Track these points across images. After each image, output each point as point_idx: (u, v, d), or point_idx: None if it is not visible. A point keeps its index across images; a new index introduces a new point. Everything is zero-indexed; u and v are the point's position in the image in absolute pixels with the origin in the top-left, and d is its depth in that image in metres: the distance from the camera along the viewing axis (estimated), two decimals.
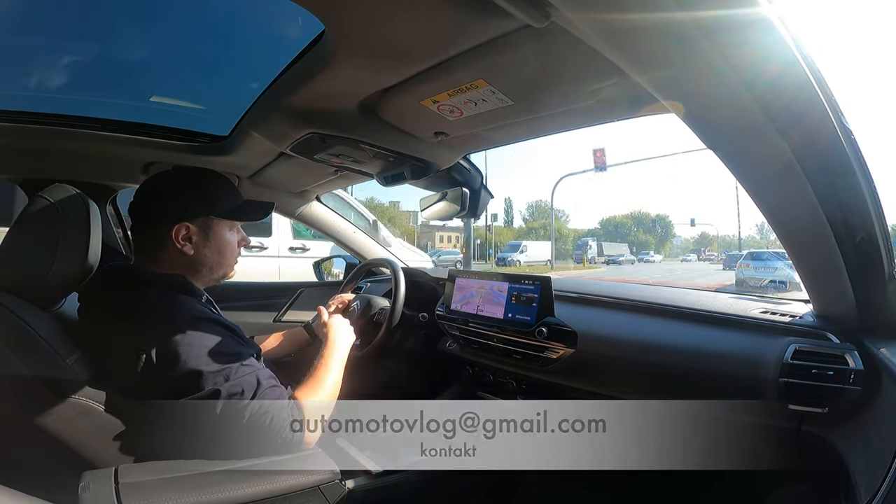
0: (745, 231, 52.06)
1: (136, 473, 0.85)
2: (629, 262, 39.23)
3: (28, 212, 0.99)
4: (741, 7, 0.57)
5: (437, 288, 1.81)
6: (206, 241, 1.08)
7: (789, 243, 0.94)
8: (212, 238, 1.09)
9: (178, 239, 1.05)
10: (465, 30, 0.79)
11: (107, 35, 1.21)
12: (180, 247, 1.05)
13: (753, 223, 50.78)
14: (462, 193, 1.62)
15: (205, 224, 1.08)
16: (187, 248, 1.06)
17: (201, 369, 0.91)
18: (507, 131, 1.27)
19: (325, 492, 0.95)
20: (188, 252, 1.06)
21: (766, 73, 0.63)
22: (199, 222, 1.07)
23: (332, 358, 1.17)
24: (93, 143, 1.45)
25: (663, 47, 0.63)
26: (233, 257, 1.15)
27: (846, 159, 0.76)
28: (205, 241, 1.08)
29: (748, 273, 11.19)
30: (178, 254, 1.06)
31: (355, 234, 2.27)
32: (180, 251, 1.05)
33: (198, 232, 1.07)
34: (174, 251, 1.05)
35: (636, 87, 0.90)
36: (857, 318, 0.98)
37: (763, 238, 48.43)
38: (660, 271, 25.79)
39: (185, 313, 0.97)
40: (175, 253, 1.06)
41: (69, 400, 0.89)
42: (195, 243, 1.07)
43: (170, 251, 1.06)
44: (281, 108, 1.17)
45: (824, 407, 0.95)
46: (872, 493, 0.69)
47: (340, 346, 1.24)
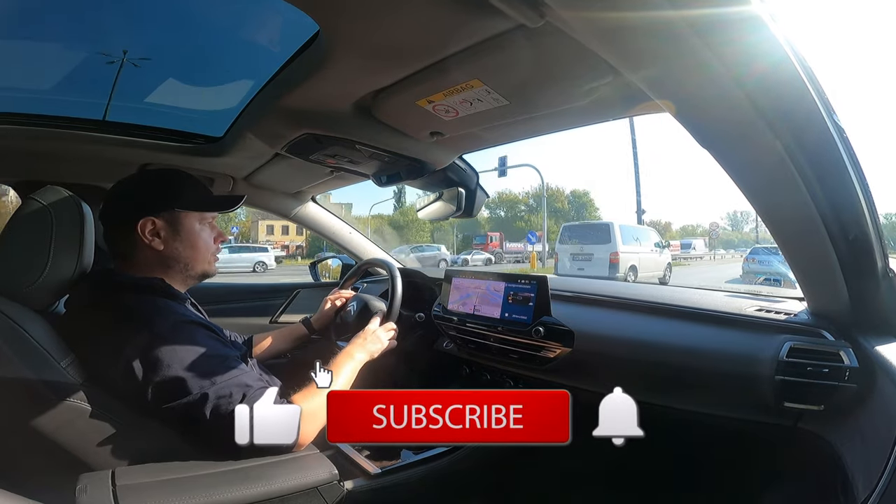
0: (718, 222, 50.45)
1: (133, 475, 0.85)
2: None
3: (20, 214, 0.98)
4: (732, 5, 0.57)
5: (433, 288, 1.81)
6: (174, 235, 1.07)
7: (783, 241, 0.95)
8: (181, 231, 1.08)
9: (145, 234, 1.04)
10: (459, 30, 0.79)
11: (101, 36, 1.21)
12: (148, 242, 1.04)
13: (725, 213, 49.03)
14: (458, 193, 1.62)
15: (171, 218, 1.07)
16: (156, 244, 1.05)
17: (186, 374, 0.91)
18: (503, 131, 1.27)
19: (324, 493, 0.94)
20: (158, 247, 1.05)
21: (758, 70, 0.64)
22: (165, 216, 1.06)
23: (342, 367, 1.17)
24: (87, 145, 1.44)
25: (656, 45, 0.64)
26: (208, 252, 1.14)
27: (838, 157, 0.77)
28: (173, 234, 1.07)
29: (754, 266, 11.25)
30: (149, 251, 1.05)
31: (351, 235, 2.27)
32: (150, 247, 1.05)
33: (165, 226, 1.06)
34: (144, 248, 1.05)
35: (630, 87, 0.90)
36: (851, 316, 0.99)
37: (735, 230, 46.62)
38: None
39: (166, 318, 0.96)
40: (146, 250, 1.05)
41: (65, 403, 0.88)
42: (164, 238, 1.06)
43: (140, 249, 1.05)
44: (276, 109, 1.17)
45: (820, 404, 0.96)
46: (870, 490, 0.69)
47: (357, 359, 1.23)
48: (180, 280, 1.11)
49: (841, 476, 0.86)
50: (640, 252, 11.88)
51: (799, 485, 1.07)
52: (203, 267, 1.13)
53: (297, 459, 0.95)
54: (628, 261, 11.28)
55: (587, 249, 11.47)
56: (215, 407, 0.90)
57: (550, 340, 1.31)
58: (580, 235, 12.01)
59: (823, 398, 0.95)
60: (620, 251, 11.16)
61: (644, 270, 11.66)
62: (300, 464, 0.94)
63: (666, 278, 12.25)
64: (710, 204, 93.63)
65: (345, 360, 1.19)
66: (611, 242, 11.24)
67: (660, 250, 12.82)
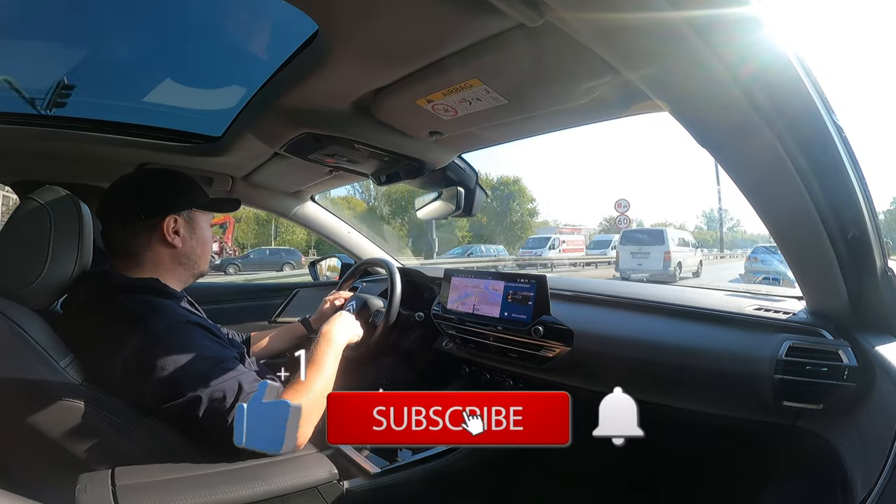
0: (692, 221, 49.28)
1: (132, 475, 0.85)
2: None
3: (18, 214, 0.98)
4: (732, 5, 0.57)
5: (433, 287, 1.81)
6: (192, 234, 1.10)
7: (782, 240, 0.95)
8: (196, 230, 1.12)
9: (169, 232, 1.06)
10: (459, 29, 0.79)
11: (100, 35, 1.21)
12: (170, 240, 1.06)
13: (701, 211, 48.68)
14: (457, 192, 1.63)
15: (189, 216, 1.10)
16: (177, 241, 1.07)
17: (180, 375, 0.90)
18: (502, 130, 1.27)
19: (324, 492, 0.94)
20: (177, 245, 1.07)
21: (756, 69, 0.64)
22: (185, 215, 1.09)
23: (325, 354, 1.11)
24: (86, 145, 1.44)
25: (655, 45, 0.64)
26: (210, 250, 1.17)
27: (837, 156, 0.77)
28: (191, 233, 1.10)
29: (757, 266, 12.00)
30: (163, 249, 1.06)
31: (350, 235, 2.27)
32: (168, 245, 1.06)
33: (185, 224, 1.09)
34: (159, 247, 1.06)
35: (629, 86, 0.90)
36: (850, 314, 0.99)
37: (711, 229, 45.29)
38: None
39: (162, 318, 0.96)
40: (160, 249, 1.06)
41: (64, 403, 0.88)
42: (183, 236, 1.08)
43: (154, 248, 1.06)
44: (274, 109, 1.17)
45: (819, 403, 0.96)
46: (869, 489, 0.69)
47: (336, 342, 1.16)
48: (181, 279, 1.12)
49: (840, 474, 0.86)
50: (683, 251, 15.41)
51: (798, 483, 1.07)
52: (204, 266, 1.16)
53: (296, 459, 0.95)
54: (675, 258, 14.48)
55: (645, 249, 14.47)
56: (208, 408, 0.90)
57: (550, 340, 1.31)
58: (637, 239, 15.12)
59: (822, 397, 0.95)
60: (672, 251, 14.37)
61: (686, 266, 15.11)
62: (299, 463, 0.95)
63: (699, 271, 16.07)
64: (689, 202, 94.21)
65: (325, 346, 1.13)
66: (664, 244, 14.40)
67: (694, 250, 16.60)
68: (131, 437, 0.92)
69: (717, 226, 43.91)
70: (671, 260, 14.14)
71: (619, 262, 15.07)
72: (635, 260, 14.52)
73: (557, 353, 1.31)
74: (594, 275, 17.11)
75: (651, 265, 14.03)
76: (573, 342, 1.28)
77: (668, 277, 13.14)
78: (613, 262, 16.04)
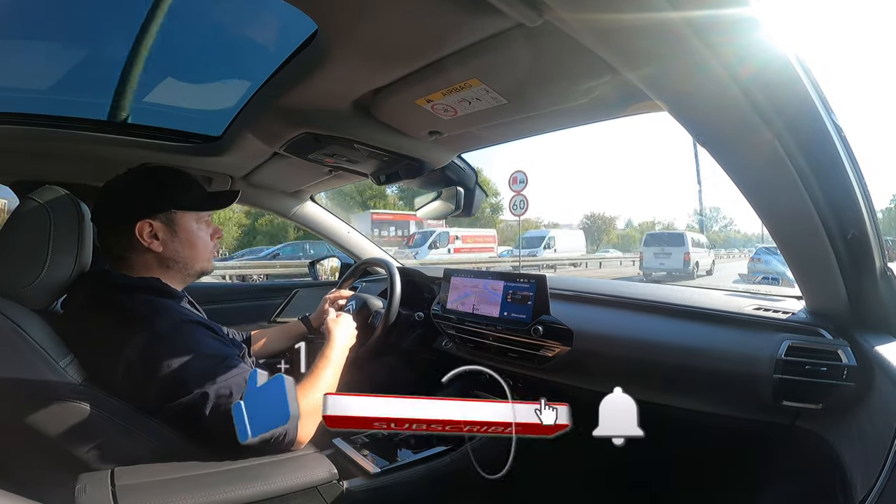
0: (683, 219, 48.51)
1: (132, 475, 0.84)
2: None
3: (18, 214, 0.98)
4: (732, 6, 0.57)
5: (432, 287, 1.82)
6: (173, 236, 1.07)
7: (782, 240, 0.95)
8: (179, 232, 1.08)
9: (143, 236, 1.04)
10: (458, 29, 0.79)
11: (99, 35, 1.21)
12: (147, 244, 1.04)
13: (693, 209, 48.16)
14: (457, 192, 1.63)
15: (168, 219, 1.07)
16: (155, 245, 1.05)
17: (185, 374, 0.91)
18: (502, 130, 1.27)
19: (323, 492, 0.94)
20: (157, 249, 1.05)
21: (756, 69, 0.64)
22: (162, 217, 1.06)
23: (333, 358, 1.16)
24: (86, 145, 1.44)
25: (655, 45, 0.64)
26: (206, 250, 1.14)
27: (837, 156, 0.77)
28: (172, 235, 1.07)
29: (760, 266, 12.38)
30: (147, 252, 1.05)
31: (350, 234, 2.27)
32: (148, 249, 1.04)
33: (162, 227, 1.06)
34: (142, 250, 1.04)
35: (628, 86, 0.90)
36: (849, 314, 0.99)
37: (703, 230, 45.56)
38: None
39: (165, 317, 0.96)
40: (144, 252, 1.05)
41: (64, 403, 0.88)
42: (162, 239, 1.06)
43: (138, 251, 1.05)
44: (274, 108, 1.17)
45: (818, 403, 0.96)
46: (868, 489, 0.69)
47: (346, 344, 1.23)
48: (179, 279, 1.11)
49: (839, 474, 0.86)
50: (699, 252, 16.90)
51: (797, 483, 1.07)
52: (202, 265, 1.14)
53: (296, 459, 0.95)
54: (693, 258, 16.06)
55: (667, 250, 16.13)
56: (215, 406, 0.90)
57: (549, 339, 1.31)
58: (660, 240, 16.89)
59: (822, 397, 0.95)
60: (690, 251, 15.98)
61: (702, 265, 16.73)
62: (299, 463, 0.94)
63: (712, 270, 17.57)
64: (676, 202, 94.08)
65: (338, 347, 1.19)
66: (684, 245, 16.04)
67: (708, 251, 18.24)
68: (132, 436, 0.92)
69: (708, 225, 43.99)
70: (690, 260, 15.83)
71: (642, 262, 16.86)
72: (658, 260, 16.28)
73: (557, 352, 1.31)
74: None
75: (672, 264, 15.82)
76: (573, 342, 1.29)
77: (687, 276, 15.13)
78: (637, 261, 17.91)
